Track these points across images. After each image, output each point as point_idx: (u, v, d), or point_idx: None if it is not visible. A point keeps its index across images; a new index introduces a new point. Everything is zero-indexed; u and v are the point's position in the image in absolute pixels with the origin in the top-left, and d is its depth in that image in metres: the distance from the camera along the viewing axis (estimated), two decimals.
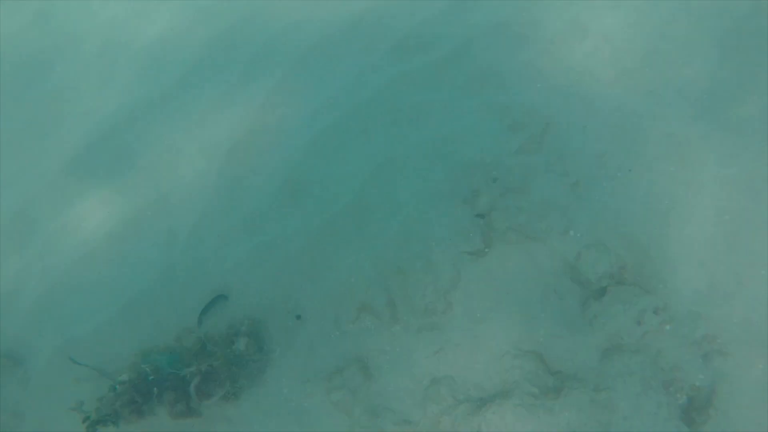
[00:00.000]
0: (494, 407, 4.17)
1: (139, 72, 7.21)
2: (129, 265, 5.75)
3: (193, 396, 4.53)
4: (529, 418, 4.08)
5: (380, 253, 5.20)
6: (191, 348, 4.81)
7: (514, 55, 5.90)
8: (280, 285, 5.36)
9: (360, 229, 5.37)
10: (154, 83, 7.02)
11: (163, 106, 6.75)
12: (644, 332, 4.16)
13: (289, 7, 7.21)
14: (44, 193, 6.39)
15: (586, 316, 4.43)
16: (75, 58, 7.71)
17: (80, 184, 6.40)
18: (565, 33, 5.86)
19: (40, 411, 5.33)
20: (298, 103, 6.22)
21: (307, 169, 5.80)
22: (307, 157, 5.86)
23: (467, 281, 4.84)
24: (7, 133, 7.11)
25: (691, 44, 5.44)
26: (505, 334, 4.60)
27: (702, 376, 3.99)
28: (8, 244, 6.18)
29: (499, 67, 5.86)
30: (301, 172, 5.80)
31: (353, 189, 5.58)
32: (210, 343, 4.88)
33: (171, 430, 4.77)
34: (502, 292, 4.74)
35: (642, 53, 5.42)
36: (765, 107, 4.92)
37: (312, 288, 5.28)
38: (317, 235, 5.48)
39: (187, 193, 6.00)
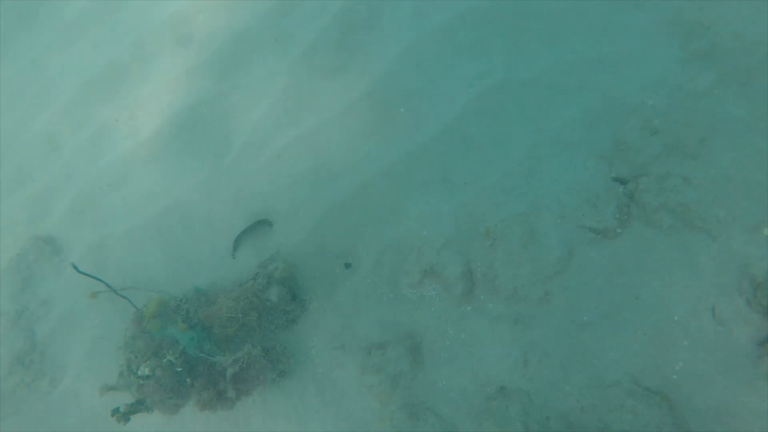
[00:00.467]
0: None
1: None
2: (172, 169, 4.96)
3: (230, 390, 3.65)
4: None
5: (468, 205, 3.85)
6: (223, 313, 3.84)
7: None
8: (334, 221, 4.26)
9: (448, 169, 4.03)
10: None
11: None
12: None
13: None
14: (101, 78, 5.73)
15: (762, 365, 2.83)
16: None
17: (141, 68, 5.65)
18: None
19: (67, 303, 4.90)
20: None
21: (396, 79, 4.48)
22: (400, 64, 4.52)
23: (581, 267, 3.38)
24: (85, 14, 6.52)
25: None
26: (620, 354, 3.15)
27: None
28: (62, 129, 5.70)
29: None
30: (389, 83, 4.49)
31: (450, 114, 4.18)
32: (239, 289, 3.98)
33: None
34: (629, 293, 3.24)
35: None
36: None
37: (372, 232, 4.12)
38: (392, 167, 4.23)
39: (251, 89, 4.99)
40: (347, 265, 4.15)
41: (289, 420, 3.90)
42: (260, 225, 4.50)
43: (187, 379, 3.65)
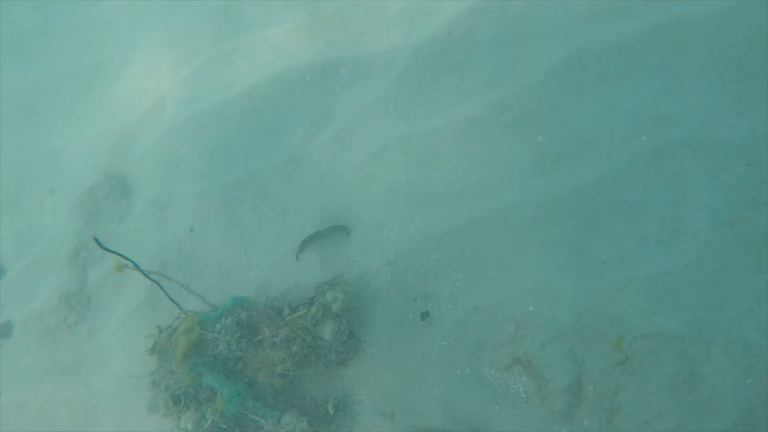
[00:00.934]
0: None
1: None
2: (257, 137, 4.32)
3: None
4: None
5: (601, 295, 2.85)
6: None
7: None
8: (423, 254, 3.44)
9: (584, 236, 3.02)
10: None
11: None
12: None
13: None
14: (213, 13, 5.11)
15: None
16: None
17: (250, 12, 4.96)
18: None
19: (135, 241, 4.53)
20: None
21: (543, 96, 3.43)
22: (553, 78, 3.44)
23: None
24: None
25: None
26: None
27: None
28: (163, 62, 5.21)
29: None
30: (532, 99, 3.46)
31: (606, 162, 3.11)
32: (290, 311, 3.34)
33: None
34: None
35: None
36: None
37: (465, 283, 3.26)
38: (512, 208, 3.29)
39: (364, 65, 4.15)
40: (424, 315, 3.34)
41: None
42: (336, 231, 3.78)
43: (236, 430, 3.16)
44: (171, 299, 3.94)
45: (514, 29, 3.65)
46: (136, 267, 3.90)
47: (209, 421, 3.11)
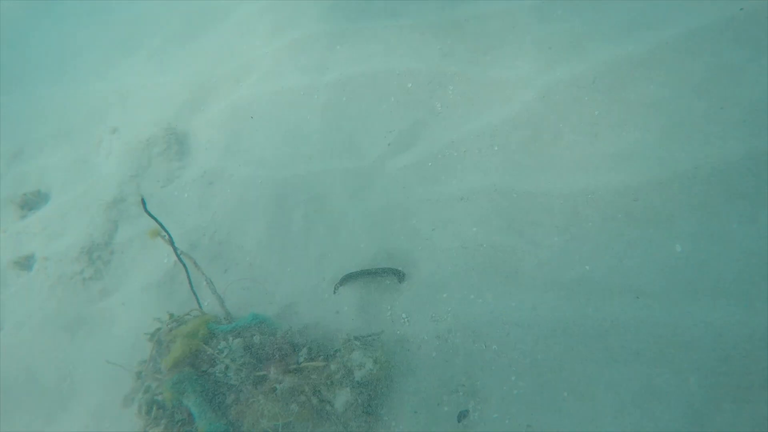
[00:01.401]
0: None
1: None
2: (334, 136, 3.76)
3: None
4: None
5: None
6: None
7: None
8: (484, 341, 2.75)
9: (731, 396, 2.22)
10: None
11: None
12: None
13: None
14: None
15: None
16: None
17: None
18: None
19: (173, 210, 4.13)
20: None
21: (693, 196, 2.63)
22: (706, 182, 2.63)
23: None
24: None
25: None
26: None
27: None
28: (259, 26, 4.76)
29: None
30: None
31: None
32: (308, 356, 2.75)
33: None
34: None
35: None
36: None
37: (528, 395, 2.55)
38: (627, 330, 2.53)
39: (498, 86, 3.47)
40: (462, 415, 2.65)
41: None
42: (388, 274, 3.15)
43: None
44: (193, 291, 3.47)
45: (683, 105, 2.83)
46: (171, 244, 3.47)
47: None
